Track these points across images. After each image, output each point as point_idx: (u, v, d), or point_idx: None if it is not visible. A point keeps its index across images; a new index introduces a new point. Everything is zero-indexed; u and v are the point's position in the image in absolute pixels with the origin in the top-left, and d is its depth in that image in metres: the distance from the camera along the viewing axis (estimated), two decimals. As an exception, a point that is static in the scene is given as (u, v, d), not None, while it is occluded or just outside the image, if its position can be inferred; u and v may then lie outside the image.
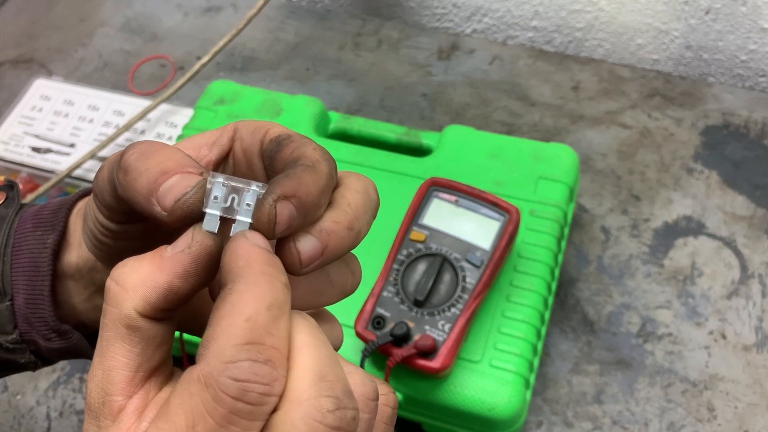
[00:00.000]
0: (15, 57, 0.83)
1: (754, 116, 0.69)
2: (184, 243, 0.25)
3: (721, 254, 0.61)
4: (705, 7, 0.70)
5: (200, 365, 0.22)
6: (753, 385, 0.55)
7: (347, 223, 0.26)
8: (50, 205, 0.34)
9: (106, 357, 0.24)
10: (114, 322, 0.24)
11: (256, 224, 0.24)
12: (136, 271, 0.25)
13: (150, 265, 0.25)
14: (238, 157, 0.30)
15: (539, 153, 0.56)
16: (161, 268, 0.25)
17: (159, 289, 0.24)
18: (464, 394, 0.46)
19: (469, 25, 0.80)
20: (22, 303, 0.33)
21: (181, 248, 0.25)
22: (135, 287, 0.24)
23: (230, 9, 0.85)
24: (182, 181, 0.25)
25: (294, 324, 0.23)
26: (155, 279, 0.24)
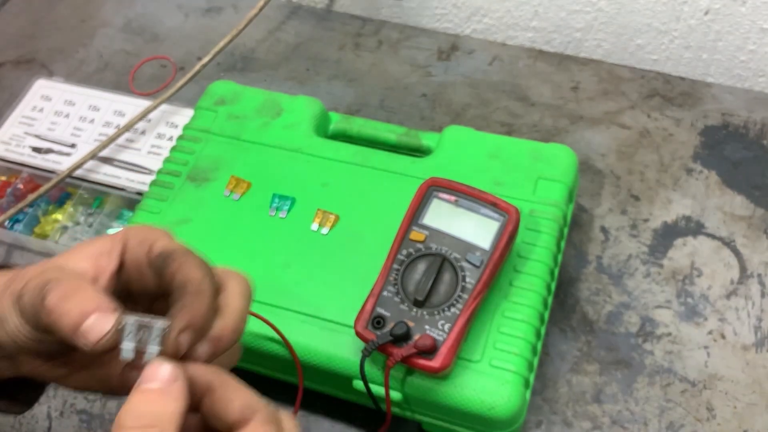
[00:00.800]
0: (16, 57, 0.83)
1: (754, 116, 0.70)
2: (171, 378, 0.31)
3: (721, 254, 0.61)
4: (704, 8, 0.70)
5: (258, 417, 0.31)
6: (752, 385, 0.55)
7: (233, 327, 0.33)
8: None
9: None
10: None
11: (165, 352, 0.31)
12: (158, 408, 0.30)
13: (165, 400, 0.30)
14: (129, 266, 0.35)
15: (539, 153, 0.56)
16: (173, 397, 0.30)
17: (180, 415, 0.30)
18: (464, 394, 0.47)
19: (469, 26, 0.80)
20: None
21: (169, 381, 0.31)
22: (170, 421, 0.30)
23: (231, 10, 0.85)
24: (100, 322, 0.31)
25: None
26: (175, 407, 0.30)
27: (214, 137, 0.61)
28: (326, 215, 0.55)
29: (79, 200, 0.68)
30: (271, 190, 0.57)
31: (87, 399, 0.58)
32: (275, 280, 0.52)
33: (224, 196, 0.57)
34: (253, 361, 0.53)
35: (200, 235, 0.55)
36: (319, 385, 0.53)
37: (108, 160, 0.70)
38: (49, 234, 0.66)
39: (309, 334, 0.50)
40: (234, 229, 0.55)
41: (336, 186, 0.57)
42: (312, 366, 0.50)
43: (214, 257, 0.54)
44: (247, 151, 0.59)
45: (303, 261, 0.53)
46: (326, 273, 0.52)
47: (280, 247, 0.54)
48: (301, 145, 0.59)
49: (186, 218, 0.56)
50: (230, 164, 0.59)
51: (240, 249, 0.54)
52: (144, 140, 0.71)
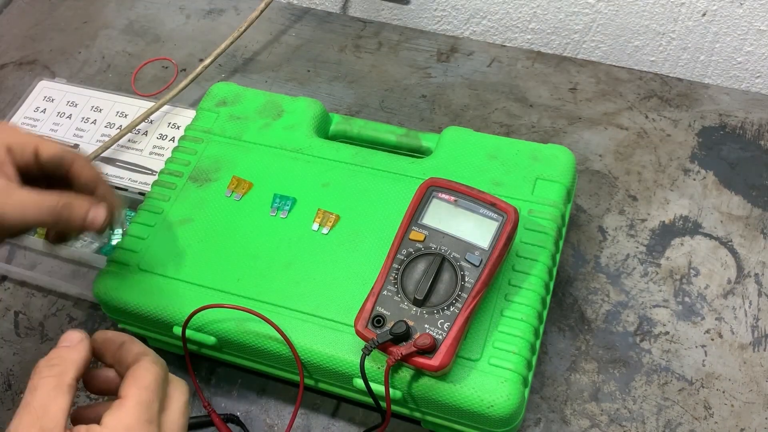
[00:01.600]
0: (19, 59, 0.83)
1: (750, 117, 0.70)
2: (76, 339, 0.40)
3: (718, 254, 0.62)
4: (701, 9, 0.70)
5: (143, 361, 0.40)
6: (749, 384, 0.55)
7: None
8: None
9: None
10: (57, 386, 0.37)
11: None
12: (63, 357, 0.39)
13: (69, 353, 0.39)
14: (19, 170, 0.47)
15: (537, 154, 0.57)
16: (76, 352, 0.39)
17: (80, 362, 0.39)
18: (463, 392, 0.47)
19: (468, 28, 0.81)
20: None
21: (75, 341, 0.40)
22: (69, 364, 0.38)
23: (232, 11, 0.86)
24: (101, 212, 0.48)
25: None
26: (74, 358, 0.39)
27: (215, 138, 0.61)
28: (327, 215, 0.56)
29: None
30: (272, 190, 0.57)
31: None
32: (276, 280, 0.53)
33: (226, 197, 0.58)
34: (255, 359, 0.54)
35: (202, 234, 0.56)
36: (320, 383, 0.53)
37: (110, 161, 0.71)
38: (51, 234, 0.67)
39: (310, 333, 0.50)
40: (235, 229, 0.56)
41: (336, 186, 0.57)
42: (313, 364, 0.50)
43: (215, 257, 0.54)
44: (248, 151, 0.60)
45: (304, 260, 0.54)
46: (327, 272, 0.53)
47: (281, 247, 0.54)
48: (301, 146, 0.60)
49: (188, 218, 0.57)
50: (232, 165, 0.59)
51: (241, 249, 0.55)
52: (146, 141, 0.72)
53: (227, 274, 0.53)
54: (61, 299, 0.65)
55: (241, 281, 0.53)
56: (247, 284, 0.53)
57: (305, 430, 0.56)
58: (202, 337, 0.52)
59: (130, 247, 0.56)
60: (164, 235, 0.56)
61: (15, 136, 0.47)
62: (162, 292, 0.53)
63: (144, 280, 0.54)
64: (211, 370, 0.59)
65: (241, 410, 0.57)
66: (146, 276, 0.54)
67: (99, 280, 0.55)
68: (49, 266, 0.66)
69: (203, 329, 0.52)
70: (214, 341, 0.52)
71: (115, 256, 0.56)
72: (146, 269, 0.55)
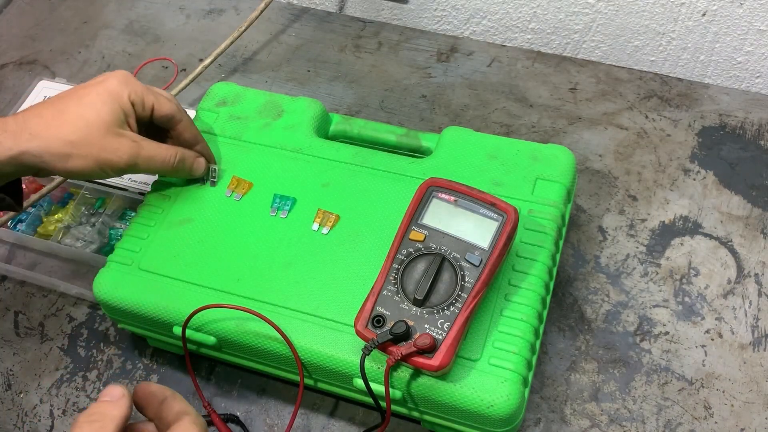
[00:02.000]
0: (19, 58, 0.83)
1: (750, 117, 0.70)
2: (118, 394, 0.40)
3: (718, 254, 0.62)
4: (701, 9, 0.70)
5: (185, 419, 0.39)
6: (749, 384, 0.55)
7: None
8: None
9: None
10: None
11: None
12: (103, 412, 0.39)
13: (109, 408, 0.39)
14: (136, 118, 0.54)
15: (537, 154, 0.57)
16: (118, 407, 0.39)
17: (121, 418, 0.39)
18: (463, 392, 0.47)
19: (468, 28, 0.81)
20: None
21: (116, 398, 0.39)
22: (108, 418, 0.38)
23: (232, 11, 0.86)
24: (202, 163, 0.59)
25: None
26: (116, 414, 0.39)
27: (215, 138, 0.61)
28: (327, 215, 0.56)
29: (82, 200, 0.69)
30: (272, 190, 0.57)
31: (90, 398, 0.59)
32: (276, 280, 0.53)
33: (226, 196, 0.58)
34: (255, 359, 0.54)
35: (202, 234, 0.56)
36: (320, 383, 0.53)
37: (110, 161, 0.70)
38: (51, 234, 0.67)
39: (310, 333, 0.50)
40: (235, 229, 0.56)
41: (336, 186, 0.57)
42: (313, 364, 0.50)
43: (215, 257, 0.54)
44: (248, 151, 0.60)
45: (304, 260, 0.54)
46: (327, 272, 0.53)
47: (281, 247, 0.54)
48: (301, 146, 0.60)
49: (188, 218, 0.57)
50: (232, 165, 0.59)
51: (241, 249, 0.55)
52: (146, 141, 0.71)
53: (227, 274, 0.53)
54: (61, 299, 0.65)
55: (241, 281, 0.53)
56: (247, 284, 0.53)
57: (305, 429, 0.56)
58: (202, 337, 0.52)
59: (130, 247, 0.56)
60: (164, 235, 0.56)
61: (136, 89, 0.52)
62: (162, 292, 0.53)
63: (144, 280, 0.54)
64: (210, 370, 0.59)
65: (241, 410, 0.57)
66: (146, 276, 0.54)
67: (99, 280, 0.55)
68: (49, 266, 0.66)
69: (203, 329, 0.52)
70: (214, 341, 0.52)
71: (115, 256, 0.56)
72: (146, 269, 0.55)
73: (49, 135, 0.49)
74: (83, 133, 0.50)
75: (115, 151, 0.51)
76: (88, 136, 0.50)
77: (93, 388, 0.60)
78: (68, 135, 0.49)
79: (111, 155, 0.51)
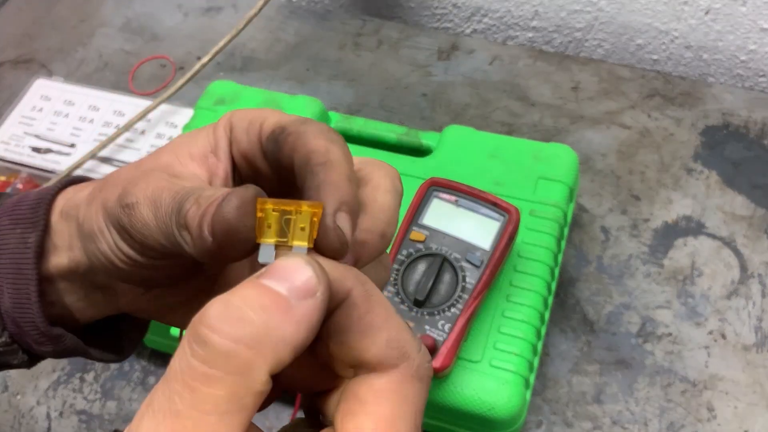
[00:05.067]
0: (15, 57, 0.83)
1: (754, 116, 0.70)
2: (307, 290, 0.20)
3: (721, 254, 0.61)
4: (705, 7, 0.70)
5: (403, 366, 0.21)
6: (753, 385, 0.55)
7: (381, 231, 0.25)
8: (28, 198, 0.32)
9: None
10: (238, 394, 0.19)
11: (325, 248, 0.23)
12: (264, 325, 0.19)
13: (283, 318, 0.20)
14: (239, 160, 0.28)
15: (539, 153, 0.56)
16: (295, 321, 0.20)
17: (293, 349, 0.20)
18: (464, 394, 0.47)
19: (469, 26, 0.80)
20: (8, 305, 0.30)
21: (302, 294, 0.20)
22: (274, 348, 0.19)
23: (230, 9, 0.85)
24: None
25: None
26: (291, 335, 0.20)
27: (213, 137, 0.60)
28: (326, 215, 0.55)
29: (79, 200, 0.68)
30: (270, 190, 0.57)
31: (86, 399, 0.58)
32: (275, 280, 0.52)
33: (224, 196, 0.57)
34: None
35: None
36: (319, 385, 0.53)
37: (107, 160, 0.70)
38: (48, 234, 0.66)
39: (309, 335, 0.50)
40: (234, 229, 0.55)
41: (336, 186, 0.56)
42: (312, 366, 0.50)
43: (213, 257, 0.54)
44: (246, 150, 0.59)
45: (303, 261, 0.53)
46: (326, 273, 0.52)
47: (280, 247, 0.54)
48: (300, 145, 0.59)
49: (185, 218, 0.56)
50: (230, 164, 0.59)
51: (240, 249, 0.54)
52: (144, 140, 0.71)
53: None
54: (58, 300, 0.64)
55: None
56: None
57: None
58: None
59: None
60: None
61: (243, 113, 0.29)
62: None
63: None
64: (209, 372, 0.59)
65: (240, 412, 0.57)
66: (143, 276, 0.54)
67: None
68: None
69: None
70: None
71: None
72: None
73: None
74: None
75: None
76: None
77: (90, 389, 0.59)
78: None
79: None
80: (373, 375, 0.21)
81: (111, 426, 0.57)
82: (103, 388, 0.59)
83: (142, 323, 0.35)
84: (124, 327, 0.35)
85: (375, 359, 0.21)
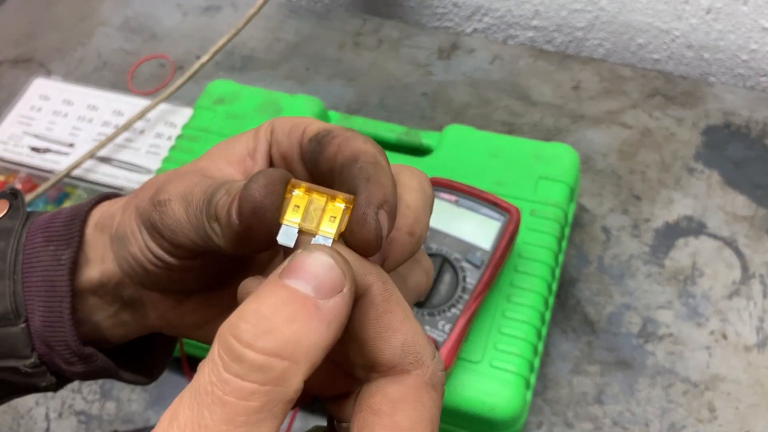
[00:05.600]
0: (14, 56, 0.82)
1: (755, 116, 0.69)
2: (333, 286, 0.20)
3: (722, 254, 0.61)
4: (706, 7, 0.70)
5: (417, 373, 0.21)
6: (754, 386, 0.55)
7: (408, 229, 0.24)
8: (61, 215, 0.31)
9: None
10: (271, 403, 0.19)
11: (358, 240, 0.22)
12: (296, 334, 0.19)
13: (312, 322, 0.20)
14: (277, 163, 0.28)
15: (540, 153, 0.56)
16: (325, 322, 0.20)
17: (325, 349, 0.20)
18: (464, 395, 0.46)
19: (470, 25, 0.80)
20: (39, 325, 0.30)
21: (329, 291, 0.20)
22: (307, 354, 0.19)
23: (230, 8, 0.85)
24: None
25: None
26: (322, 337, 0.20)
27: (213, 137, 0.60)
28: (326, 215, 0.55)
29: (78, 200, 0.68)
30: (270, 189, 0.57)
31: (85, 400, 0.58)
32: (274, 281, 0.52)
33: (223, 196, 0.57)
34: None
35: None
36: (319, 386, 0.53)
37: (106, 160, 0.70)
38: (47, 234, 0.66)
39: (308, 335, 0.49)
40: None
41: (336, 186, 0.56)
42: (311, 367, 0.50)
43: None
44: (246, 150, 0.59)
45: (302, 261, 0.53)
46: (326, 273, 0.52)
47: (280, 247, 0.54)
48: (300, 145, 0.59)
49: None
50: (229, 164, 0.59)
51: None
52: (143, 140, 0.71)
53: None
54: (57, 300, 0.64)
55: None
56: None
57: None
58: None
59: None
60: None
61: (287, 118, 0.29)
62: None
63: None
64: (208, 372, 0.59)
65: (239, 413, 0.56)
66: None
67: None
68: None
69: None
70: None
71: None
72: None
73: None
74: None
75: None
76: None
77: (89, 390, 0.59)
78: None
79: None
80: (388, 381, 0.21)
81: (110, 427, 0.57)
82: (102, 388, 0.59)
83: (170, 345, 0.35)
84: (156, 350, 0.35)
85: (389, 362, 0.21)
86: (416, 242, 0.25)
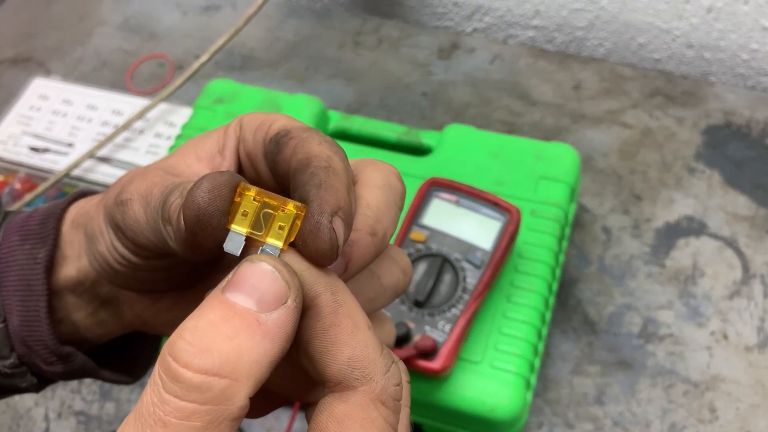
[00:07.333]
0: (13, 56, 0.82)
1: (756, 116, 0.69)
2: (276, 298, 0.19)
3: (723, 254, 0.61)
4: (707, 6, 0.69)
5: (364, 390, 0.20)
6: (755, 386, 0.54)
7: (369, 229, 0.23)
8: (37, 213, 0.31)
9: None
10: (215, 422, 0.19)
11: (312, 251, 0.21)
12: (236, 351, 0.19)
13: (253, 337, 0.19)
14: (245, 163, 0.27)
15: (540, 152, 0.56)
16: (268, 337, 0.19)
17: (270, 363, 0.19)
18: (465, 395, 0.46)
19: (470, 24, 0.80)
20: (17, 325, 0.29)
21: (272, 304, 0.19)
22: (249, 371, 0.19)
23: (229, 8, 0.85)
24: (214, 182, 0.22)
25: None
26: (265, 353, 0.19)
27: (212, 136, 0.60)
28: (326, 215, 0.55)
29: (77, 200, 0.68)
30: (270, 189, 0.56)
31: (84, 400, 0.58)
32: (274, 281, 0.52)
33: (223, 196, 0.57)
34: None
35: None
36: (319, 386, 0.52)
37: (106, 160, 0.70)
38: (46, 234, 0.66)
39: (308, 335, 0.49)
40: (232, 229, 0.55)
41: (335, 185, 0.56)
42: (311, 367, 0.50)
43: (212, 257, 0.53)
44: (245, 150, 0.59)
45: (302, 261, 0.53)
46: (326, 273, 0.52)
47: (279, 247, 0.53)
48: (300, 145, 0.59)
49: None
50: (229, 163, 0.58)
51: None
52: (142, 139, 0.71)
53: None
54: (56, 300, 0.64)
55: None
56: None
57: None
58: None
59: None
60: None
61: (256, 114, 0.29)
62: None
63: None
64: (207, 373, 0.58)
65: (239, 413, 0.56)
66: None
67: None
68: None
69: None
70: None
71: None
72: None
73: None
74: None
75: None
76: None
77: (88, 390, 0.59)
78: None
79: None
80: (334, 399, 0.21)
81: (109, 427, 0.57)
82: (102, 389, 0.58)
83: (155, 344, 0.34)
84: (136, 350, 0.34)
85: (335, 378, 0.21)
86: (380, 242, 0.23)
